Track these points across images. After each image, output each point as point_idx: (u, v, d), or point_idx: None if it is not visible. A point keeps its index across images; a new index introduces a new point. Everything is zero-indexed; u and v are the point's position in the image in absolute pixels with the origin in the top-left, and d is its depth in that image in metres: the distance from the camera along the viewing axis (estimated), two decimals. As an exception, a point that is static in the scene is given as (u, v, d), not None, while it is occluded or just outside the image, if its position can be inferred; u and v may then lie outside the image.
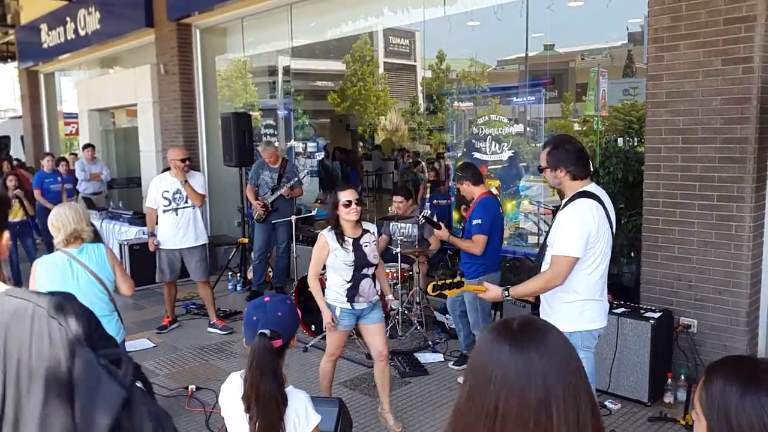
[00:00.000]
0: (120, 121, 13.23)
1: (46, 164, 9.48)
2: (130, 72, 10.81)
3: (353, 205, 3.79)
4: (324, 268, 3.98)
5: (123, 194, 11.44)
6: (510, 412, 1.07)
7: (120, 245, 7.98)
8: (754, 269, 4.35)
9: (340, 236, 3.83)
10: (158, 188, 6.04)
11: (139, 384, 1.17)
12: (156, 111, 9.91)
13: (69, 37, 11.75)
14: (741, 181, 4.25)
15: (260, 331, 2.06)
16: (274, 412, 1.99)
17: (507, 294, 3.20)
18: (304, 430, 2.10)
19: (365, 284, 3.86)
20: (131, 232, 8.34)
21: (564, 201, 3.22)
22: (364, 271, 3.86)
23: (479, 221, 4.63)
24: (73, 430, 1.08)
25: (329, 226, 3.90)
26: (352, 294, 3.84)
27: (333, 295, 3.90)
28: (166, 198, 5.99)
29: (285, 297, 2.31)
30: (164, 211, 5.99)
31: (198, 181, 6.14)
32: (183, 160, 5.97)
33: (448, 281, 3.27)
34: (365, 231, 3.94)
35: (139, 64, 10.52)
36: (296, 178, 7.12)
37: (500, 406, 1.08)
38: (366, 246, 3.88)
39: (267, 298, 2.20)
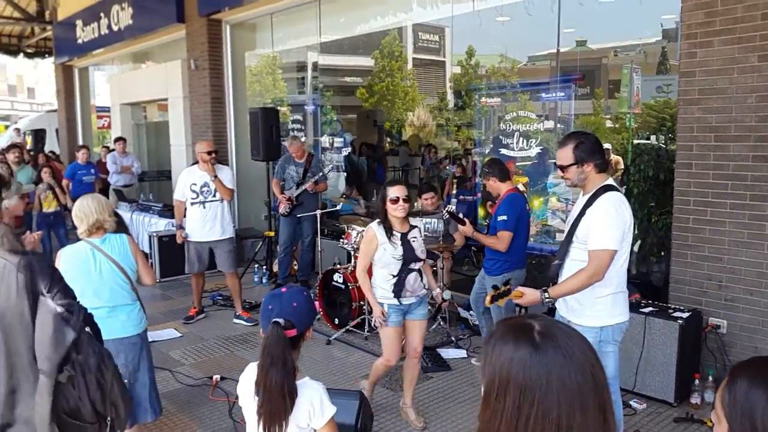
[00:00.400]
0: (151, 116, 13.44)
1: (81, 156, 9.70)
2: (161, 67, 10.98)
3: (401, 202, 3.78)
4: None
5: (153, 187, 11.61)
6: (573, 423, 1.02)
7: (149, 237, 8.14)
8: (787, 270, 4.23)
9: (389, 231, 3.81)
10: (186, 181, 6.11)
11: (87, 329, 1.43)
12: (186, 105, 10.04)
13: (103, 33, 11.98)
14: (775, 180, 4.14)
15: (274, 319, 2.07)
16: (280, 401, 2.00)
17: (547, 296, 3.11)
18: (319, 421, 2.10)
19: (411, 278, 3.84)
20: (161, 224, 8.48)
21: (587, 196, 3.15)
22: (412, 265, 3.84)
23: (505, 217, 4.59)
24: (32, 362, 1.33)
25: (378, 220, 3.89)
26: (398, 289, 3.82)
27: (380, 292, 3.86)
28: (193, 191, 6.06)
29: (302, 288, 2.31)
30: (192, 204, 6.06)
31: (226, 175, 6.19)
32: (210, 153, 6.03)
33: (500, 291, 3.18)
34: (412, 227, 3.95)
35: (170, 59, 10.66)
36: (321, 173, 7.14)
37: (563, 421, 1.02)
38: (414, 240, 3.88)
39: (284, 289, 2.21)
